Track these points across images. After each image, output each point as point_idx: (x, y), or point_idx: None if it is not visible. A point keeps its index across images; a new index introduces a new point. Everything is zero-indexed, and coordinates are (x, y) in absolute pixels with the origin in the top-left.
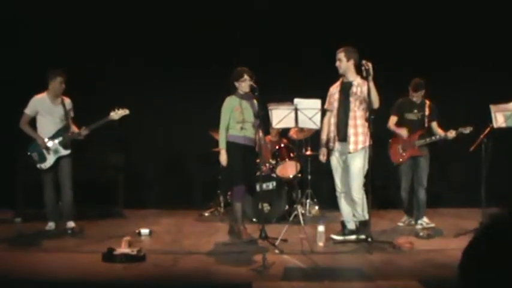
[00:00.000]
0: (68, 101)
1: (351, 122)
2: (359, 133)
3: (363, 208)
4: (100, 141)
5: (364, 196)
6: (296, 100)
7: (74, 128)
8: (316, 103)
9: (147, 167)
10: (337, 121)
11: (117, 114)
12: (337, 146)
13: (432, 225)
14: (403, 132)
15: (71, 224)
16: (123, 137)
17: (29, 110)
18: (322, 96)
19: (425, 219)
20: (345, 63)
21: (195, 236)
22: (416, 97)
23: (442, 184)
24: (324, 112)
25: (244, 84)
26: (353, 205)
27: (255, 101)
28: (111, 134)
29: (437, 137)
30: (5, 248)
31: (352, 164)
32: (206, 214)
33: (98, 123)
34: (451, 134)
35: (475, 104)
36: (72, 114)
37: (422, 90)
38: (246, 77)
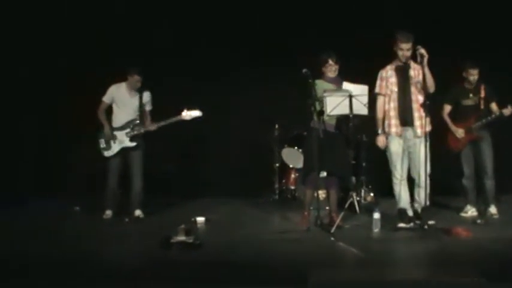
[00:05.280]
0: (146, 94)
1: (414, 106)
2: (423, 116)
3: (426, 195)
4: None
5: (429, 183)
6: (345, 85)
7: (146, 122)
8: (364, 89)
9: (202, 156)
10: (398, 105)
11: (188, 115)
12: (400, 131)
13: (497, 216)
14: (459, 131)
15: (138, 212)
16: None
17: (105, 98)
18: None
19: (492, 209)
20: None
21: (251, 224)
22: (472, 77)
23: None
24: (371, 97)
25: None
26: (417, 191)
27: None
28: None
29: (493, 116)
30: (69, 235)
31: (421, 148)
32: (262, 202)
33: (168, 121)
34: (507, 110)
35: None
36: (149, 107)
37: (478, 68)
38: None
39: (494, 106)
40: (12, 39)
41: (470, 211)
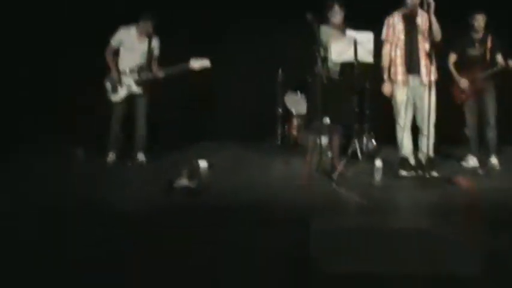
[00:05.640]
0: (155, 39)
1: (421, 54)
2: (431, 64)
3: (429, 144)
4: None
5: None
6: (349, 32)
7: (154, 68)
8: (369, 36)
9: (205, 100)
10: (405, 53)
11: (197, 63)
12: (408, 78)
13: (498, 167)
14: (463, 82)
15: (141, 156)
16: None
17: (113, 40)
18: None
19: (493, 159)
20: None
21: (254, 169)
22: (477, 22)
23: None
24: (377, 44)
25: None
26: (421, 140)
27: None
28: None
29: (499, 67)
30: (71, 180)
31: (430, 95)
32: (265, 147)
33: (176, 69)
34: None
35: None
36: (156, 53)
37: (484, 14)
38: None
39: (499, 58)
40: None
41: (472, 160)
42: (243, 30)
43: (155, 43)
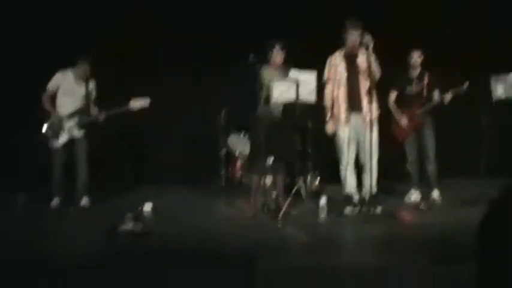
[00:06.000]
0: (92, 82)
1: (362, 92)
2: (372, 102)
3: (372, 182)
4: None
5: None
6: (292, 72)
7: (93, 111)
8: (311, 75)
9: (153, 144)
10: (347, 91)
11: (137, 103)
12: (350, 116)
13: (439, 201)
14: (403, 120)
15: (84, 200)
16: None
17: (50, 85)
18: None
19: (435, 193)
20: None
21: (198, 211)
22: (414, 59)
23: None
24: (319, 85)
25: None
26: (364, 177)
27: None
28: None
29: (434, 102)
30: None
31: (372, 132)
32: (207, 190)
33: (117, 111)
34: (448, 96)
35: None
36: (94, 95)
37: (420, 51)
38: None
39: (436, 93)
40: None
41: (414, 195)
42: (184, 70)
43: (92, 85)
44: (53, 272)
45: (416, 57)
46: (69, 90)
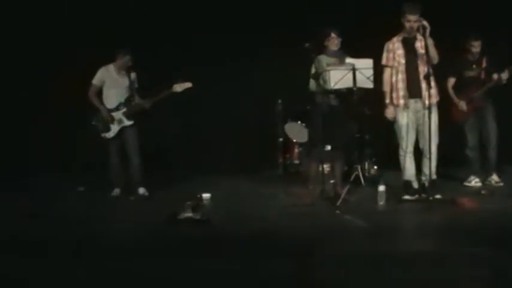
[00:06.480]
0: (133, 73)
1: (421, 77)
2: (431, 87)
3: (431, 168)
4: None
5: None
6: (349, 60)
7: (138, 99)
8: (368, 62)
9: (204, 131)
10: (407, 77)
11: (180, 87)
12: (408, 102)
13: (501, 184)
14: (461, 103)
15: (141, 190)
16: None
17: (96, 80)
18: None
19: (494, 177)
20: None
21: (256, 200)
22: (474, 48)
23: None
24: (377, 70)
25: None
26: (424, 163)
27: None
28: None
29: (492, 82)
30: (75, 216)
31: (432, 118)
32: (265, 178)
33: (161, 96)
34: (505, 74)
35: None
36: (136, 85)
37: (480, 39)
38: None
39: (494, 75)
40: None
41: (474, 181)
42: (241, 58)
43: (134, 76)
44: (119, 256)
45: (476, 46)
46: (113, 83)
